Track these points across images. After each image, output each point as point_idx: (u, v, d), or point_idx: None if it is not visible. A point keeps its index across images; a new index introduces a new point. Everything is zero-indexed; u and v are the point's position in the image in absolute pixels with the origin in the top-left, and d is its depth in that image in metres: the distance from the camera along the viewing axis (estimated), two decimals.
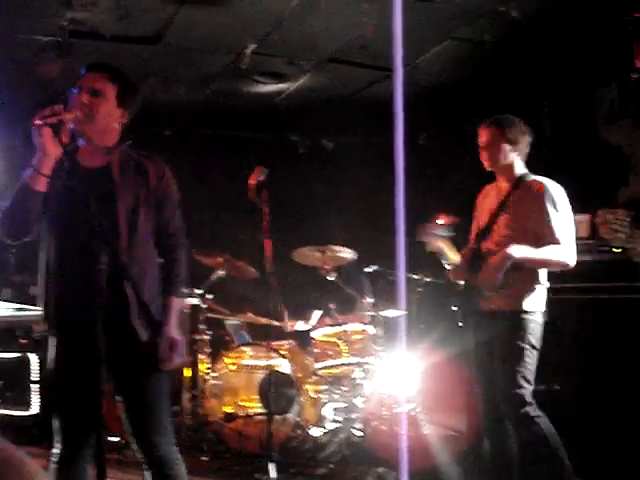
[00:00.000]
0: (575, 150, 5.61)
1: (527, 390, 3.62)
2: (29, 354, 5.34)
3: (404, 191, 2.31)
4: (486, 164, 3.86)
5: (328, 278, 5.75)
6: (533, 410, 3.61)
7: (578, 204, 4.66)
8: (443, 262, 3.90)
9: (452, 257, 3.85)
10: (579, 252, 3.70)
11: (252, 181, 4.82)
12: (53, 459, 2.78)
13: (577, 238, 3.80)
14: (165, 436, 2.81)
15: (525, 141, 3.83)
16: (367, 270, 5.60)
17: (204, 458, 5.06)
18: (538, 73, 5.55)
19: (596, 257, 4.33)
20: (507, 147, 3.78)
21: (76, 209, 2.58)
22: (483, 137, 3.84)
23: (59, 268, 2.75)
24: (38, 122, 2.52)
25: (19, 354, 5.42)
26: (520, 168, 3.84)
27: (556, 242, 3.59)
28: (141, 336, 2.75)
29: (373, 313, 5.44)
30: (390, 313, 5.36)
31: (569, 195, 3.75)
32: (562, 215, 3.65)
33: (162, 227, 2.90)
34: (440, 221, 3.88)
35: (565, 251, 3.58)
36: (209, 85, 6.02)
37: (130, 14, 4.58)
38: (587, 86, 5.57)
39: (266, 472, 4.49)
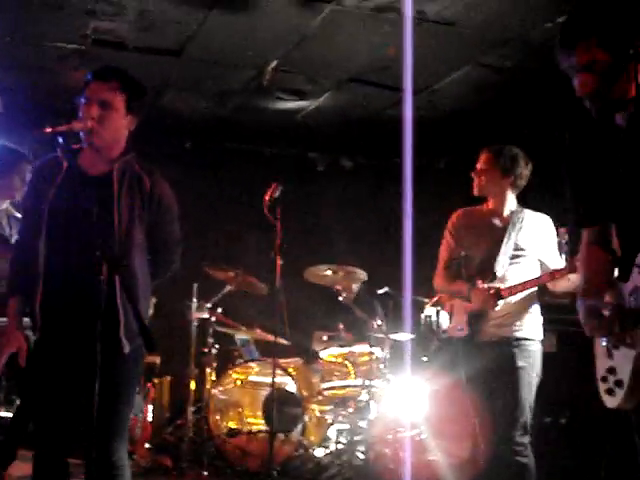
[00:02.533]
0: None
1: (529, 418, 3.60)
2: None
3: (412, 214, 2.30)
4: (475, 190, 3.85)
5: (339, 299, 5.73)
6: (527, 440, 3.58)
7: None
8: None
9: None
10: None
11: (267, 197, 4.82)
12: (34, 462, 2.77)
13: None
14: (123, 442, 2.82)
15: (521, 174, 3.79)
16: (378, 292, 5.56)
17: (204, 473, 5.02)
18: (560, 102, 5.52)
19: None
20: (500, 175, 3.76)
21: (70, 214, 2.58)
22: (480, 163, 3.84)
23: (47, 273, 2.73)
24: (48, 130, 2.53)
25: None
26: (512, 200, 3.83)
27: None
28: (124, 348, 2.74)
29: (382, 335, 5.41)
30: (399, 336, 5.32)
31: None
32: (553, 245, 3.78)
33: (155, 241, 2.90)
34: None
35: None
36: (230, 99, 6.04)
37: (154, 25, 4.61)
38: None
39: None
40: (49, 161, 2.84)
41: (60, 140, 2.58)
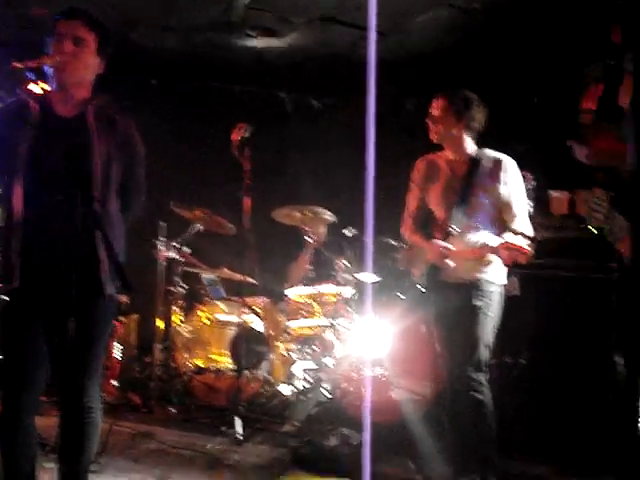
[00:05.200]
0: (559, 127, 5.60)
1: (485, 357, 3.69)
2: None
3: (375, 155, 2.30)
4: (432, 137, 3.86)
5: (306, 239, 5.77)
6: (484, 379, 3.68)
7: (559, 181, 4.69)
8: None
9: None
10: (556, 228, 3.74)
11: (235, 137, 4.80)
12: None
13: (556, 215, 3.81)
14: (96, 383, 2.85)
15: (477, 117, 3.79)
16: (345, 233, 5.60)
17: (172, 409, 5.10)
18: (527, 45, 5.52)
19: (570, 234, 4.37)
20: (454, 120, 3.77)
21: (50, 156, 2.56)
22: (433, 110, 3.83)
23: (28, 216, 2.72)
24: (18, 65, 2.48)
25: None
26: (470, 144, 3.84)
27: (514, 216, 3.69)
28: (107, 289, 2.76)
29: (348, 275, 5.47)
30: (363, 277, 5.38)
31: (550, 170, 3.77)
32: (517, 189, 3.74)
33: (124, 183, 2.90)
34: None
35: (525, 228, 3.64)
36: (199, 36, 5.93)
37: None
38: (575, 62, 5.54)
39: (232, 426, 4.55)
40: (15, 104, 2.80)
41: (29, 76, 2.53)
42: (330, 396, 5.07)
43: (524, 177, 3.82)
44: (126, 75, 3.16)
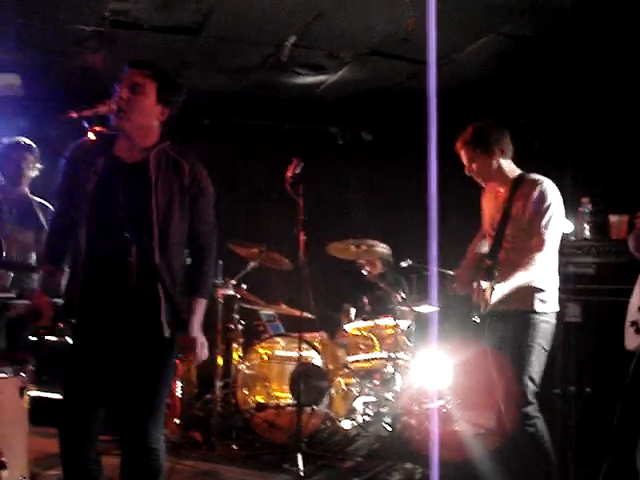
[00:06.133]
0: (618, 152, 5.50)
1: (530, 389, 3.59)
2: (67, 337, 5.42)
3: (437, 185, 2.29)
4: (478, 181, 3.85)
5: (362, 272, 5.77)
6: (533, 410, 3.60)
7: (619, 204, 4.59)
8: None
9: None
10: (617, 253, 3.64)
11: (289, 173, 4.84)
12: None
13: (615, 239, 3.70)
14: (159, 424, 2.87)
15: (503, 142, 3.74)
16: (402, 265, 5.57)
17: (234, 446, 5.10)
18: (581, 71, 5.47)
19: (630, 259, 4.26)
20: (484, 156, 3.72)
21: (110, 202, 2.62)
22: (463, 158, 3.81)
23: (88, 259, 2.78)
24: (74, 114, 2.55)
25: (56, 337, 5.53)
26: (511, 169, 3.78)
27: (542, 236, 3.55)
28: (165, 332, 2.79)
29: (406, 308, 5.43)
30: (423, 309, 5.34)
31: (611, 195, 3.68)
32: (549, 209, 3.59)
33: (194, 226, 2.92)
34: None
35: (538, 261, 3.53)
36: (249, 76, 6.04)
37: (171, 3, 4.60)
38: (632, 85, 5.46)
39: (294, 463, 4.52)
40: (83, 145, 2.87)
41: (86, 125, 2.60)
42: (391, 430, 5.02)
43: (581, 202, 3.76)
44: (179, 116, 3.23)
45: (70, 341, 2.92)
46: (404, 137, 7.27)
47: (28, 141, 4.50)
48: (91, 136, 2.78)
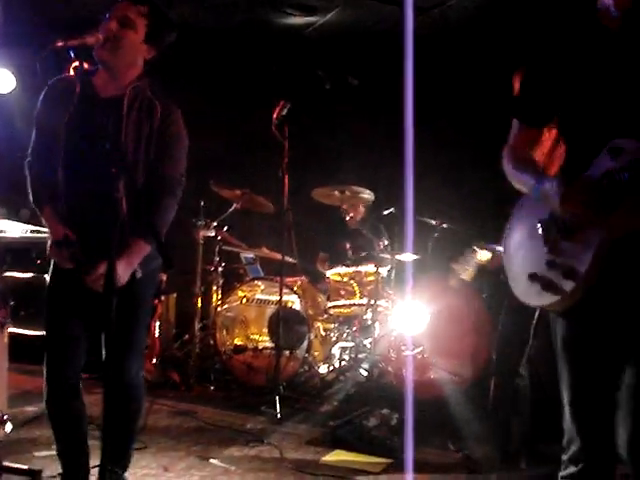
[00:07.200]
0: None
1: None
2: (44, 275, 5.39)
3: (414, 131, 2.26)
4: None
5: (346, 219, 5.75)
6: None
7: None
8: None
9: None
10: None
11: (275, 115, 4.77)
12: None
13: None
14: (138, 362, 2.88)
15: None
16: (384, 213, 5.56)
17: (211, 388, 5.14)
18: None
19: None
20: None
21: (82, 135, 2.57)
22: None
23: (67, 194, 2.72)
24: (60, 44, 2.47)
25: (33, 274, 5.50)
26: None
27: None
28: (136, 274, 2.74)
29: (387, 256, 5.43)
30: (405, 257, 5.34)
31: None
32: None
33: (159, 169, 2.80)
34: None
35: None
36: (238, 13, 5.90)
37: None
38: None
39: (271, 405, 4.56)
40: (62, 80, 2.78)
41: (72, 54, 2.52)
42: (368, 375, 5.06)
43: None
44: (165, 53, 3.12)
45: (48, 277, 2.87)
46: (391, 83, 7.17)
47: None
48: (71, 71, 2.69)
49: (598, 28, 2.11)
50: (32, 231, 5.46)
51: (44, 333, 2.84)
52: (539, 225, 2.08)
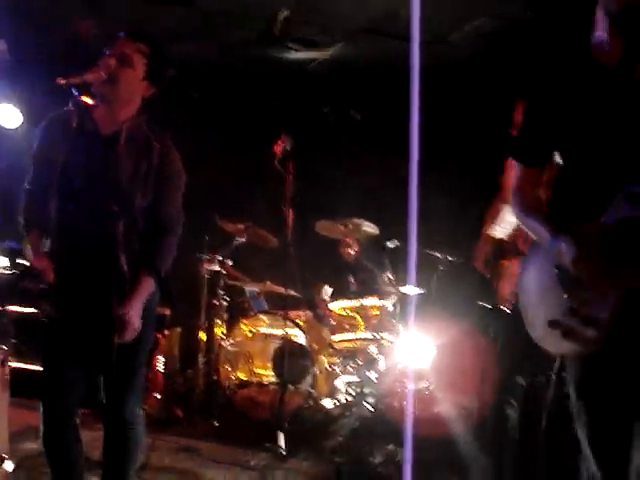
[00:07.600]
0: None
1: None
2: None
3: (419, 163, 2.26)
4: None
5: (349, 252, 5.75)
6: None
7: None
8: None
9: None
10: None
11: (277, 149, 4.79)
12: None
13: None
14: (136, 397, 2.85)
15: None
16: (388, 245, 5.55)
17: (215, 423, 5.08)
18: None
19: None
20: None
21: (77, 171, 2.60)
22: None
23: (60, 230, 2.72)
24: (61, 81, 2.49)
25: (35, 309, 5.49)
26: None
27: None
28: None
29: (391, 289, 5.41)
30: (409, 290, 5.32)
31: None
32: None
33: (158, 208, 2.79)
34: None
35: None
36: (241, 50, 5.95)
37: None
38: None
39: (276, 441, 4.51)
40: (62, 115, 2.79)
41: (75, 92, 2.54)
42: (373, 410, 5.02)
43: None
44: (169, 88, 3.15)
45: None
46: (395, 117, 7.20)
47: None
48: (70, 106, 2.71)
49: (593, 64, 2.11)
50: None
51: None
52: (556, 271, 2.04)
